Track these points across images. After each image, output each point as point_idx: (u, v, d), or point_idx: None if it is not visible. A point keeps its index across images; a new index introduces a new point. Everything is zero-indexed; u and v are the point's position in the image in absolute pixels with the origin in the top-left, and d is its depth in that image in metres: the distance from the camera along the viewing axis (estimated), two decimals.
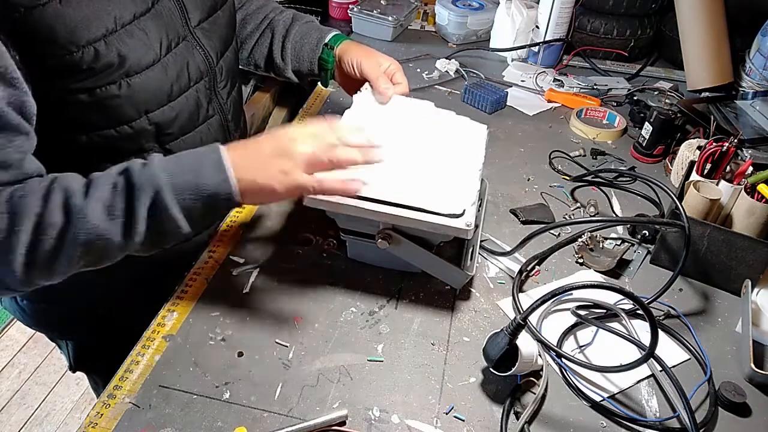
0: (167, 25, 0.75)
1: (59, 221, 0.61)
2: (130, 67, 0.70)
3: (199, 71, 0.81)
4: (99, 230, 0.62)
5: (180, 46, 0.77)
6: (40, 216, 0.60)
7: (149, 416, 0.67)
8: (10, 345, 2.10)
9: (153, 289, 0.91)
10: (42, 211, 0.61)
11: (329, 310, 0.81)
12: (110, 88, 0.69)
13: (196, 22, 0.80)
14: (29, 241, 0.60)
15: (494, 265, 0.90)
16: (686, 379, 0.73)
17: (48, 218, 0.61)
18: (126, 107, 0.72)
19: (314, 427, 0.66)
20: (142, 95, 0.73)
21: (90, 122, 0.72)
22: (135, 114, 0.74)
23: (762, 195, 0.86)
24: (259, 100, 1.55)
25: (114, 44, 0.68)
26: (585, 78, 1.42)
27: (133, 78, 0.71)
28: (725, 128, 1.13)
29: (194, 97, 0.81)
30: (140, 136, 0.76)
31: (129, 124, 0.74)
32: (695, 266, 0.89)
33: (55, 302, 0.92)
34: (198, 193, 0.64)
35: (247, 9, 1.04)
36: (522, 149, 1.17)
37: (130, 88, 0.71)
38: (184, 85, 0.79)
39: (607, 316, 0.82)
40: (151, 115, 0.76)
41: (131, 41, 0.69)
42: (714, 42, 1.30)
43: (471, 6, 1.60)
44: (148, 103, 0.75)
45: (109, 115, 0.72)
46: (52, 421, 1.88)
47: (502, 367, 0.70)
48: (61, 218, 0.61)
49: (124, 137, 0.75)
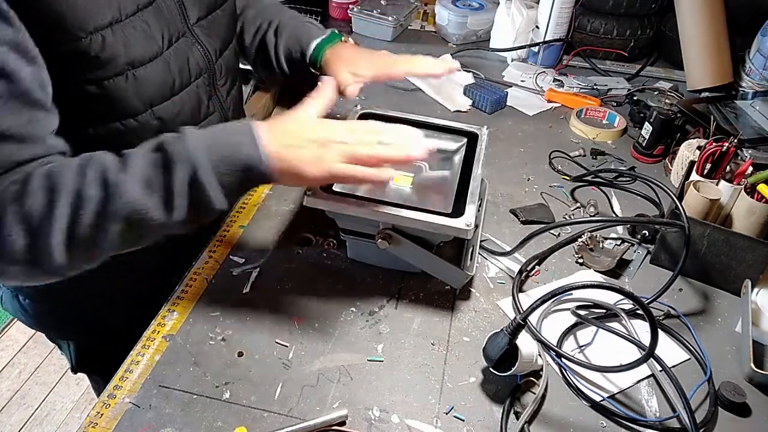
0: (167, 20, 0.76)
1: (97, 195, 0.60)
2: (134, 58, 0.71)
3: (199, 67, 0.82)
4: (138, 205, 0.61)
5: (180, 42, 0.78)
6: (78, 191, 0.59)
7: (149, 416, 0.67)
8: (10, 345, 2.10)
9: (154, 290, 0.91)
10: (79, 187, 0.60)
11: (329, 310, 0.81)
12: (118, 80, 0.70)
13: (195, 19, 0.81)
14: (68, 216, 0.59)
15: (494, 265, 0.90)
16: (686, 379, 0.73)
17: (86, 192, 0.59)
18: (133, 100, 0.73)
19: (314, 427, 0.66)
20: (148, 88, 0.74)
21: (98, 115, 0.73)
22: (141, 107, 0.75)
23: (762, 195, 0.86)
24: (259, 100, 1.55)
25: (119, 33, 0.68)
26: (585, 78, 1.42)
27: (138, 70, 0.72)
28: (725, 128, 1.13)
29: (195, 92, 0.82)
30: (145, 130, 0.76)
31: (135, 118, 0.75)
32: (695, 266, 0.89)
33: (57, 302, 0.92)
34: (234, 169, 0.64)
35: (256, 7, 1.04)
36: (522, 149, 1.17)
37: (137, 80, 0.72)
38: (185, 80, 0.80)
39: (607, 316, 0.82)
40: (155, 109, 0.76)
41: (134, 32, 0.70)
42: (714, 42, 1.30)
43: (471, 6, 1.60)
44: (154, 97, 0.75)
45: (116, 107, 0.73)
46: (52, 421, 1.88)
47: (502, 367, 0.70)
48: (99, 192, 0.60)
49: (129, 131, 0.75)
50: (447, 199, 0.81)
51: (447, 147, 0.92)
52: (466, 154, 0.88)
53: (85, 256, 0.63)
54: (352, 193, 0.78)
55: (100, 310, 0.95)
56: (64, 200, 0.59)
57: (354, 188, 0.83)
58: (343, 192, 0.78)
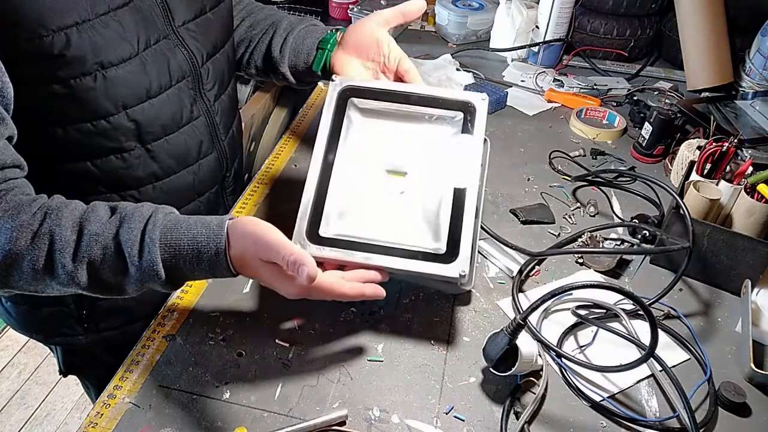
0: (147, 20, 0.74)
1: (40, 267, 0.61)
2: (104, 58, 0.69)
3: (181, 71, 0.80)
4: (80, 289, 0.63)
5: (160, 44, 0.76)
6: (20, 255, 0.60)
7: (149, 416, 0.67)
8: (10, 345, 2.11)
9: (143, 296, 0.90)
10: (24, 252, 0.60)
11: (329, 310, 0.81)
12: (85, 79, 0.69)
13: (181, 21, 0.79)
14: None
15: (494, 265, 0.90)
16: (686, 379, 0.73)
17: (29, 263, 0.61)
18: (102, 101, 0.71)
19: (314, 427, 0.66)
20: (120, 89, 0.72)
21: (66, 114, 0.71)
22: (112, 108, 0.73)
23: (762, 195, 0.86)
24: (259, 100, 1.55)
25: (87, 33, 0.67)
26: (585, 78, 1.42)
27: (109, 70, 0.70)
28: (725, 128, 1.13)
29: (176, 96, 0.80)
30: (119, 132, 0.75)
31: (106, 119, 0.73)
32: (695, 266, 0.88)
33: (38, 304, 0.90)
34: (193, 279, 0.67)
35: (256, 17, 1.04)
36: (522, 149, 1.17)
37: (107, 80, 0.70)
38: (165, 83, 0.78)
39: (607, 316, 0.82)
40: (129, 111, 0.75)
41: (106, 32, 0.69)
42: (714, 42, 1.30)
43: (471, 6, 1.60)
44: (126, 98, 0.74)
45: (85, 107, 0.71)
46: (52, 421, 1.88)
47: (502, 367, 0.70)
48: (44, 269, 0.61)
49: (101, 133, 0.74)
50: (440, 225, 0.73)
51: (441, 134, 0.81)
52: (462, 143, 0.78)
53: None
54: (341, 237, 0.73)
55: (83, 312, 0.91)
56: None
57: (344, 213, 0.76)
58: (331, 237, 0.73)
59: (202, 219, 0.65)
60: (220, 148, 0.92)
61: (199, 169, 0.89)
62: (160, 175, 0.83)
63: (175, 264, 0.63)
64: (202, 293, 0.82)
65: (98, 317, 0.91)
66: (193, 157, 0.87)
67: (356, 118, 0.82)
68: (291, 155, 1.12)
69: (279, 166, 1.09)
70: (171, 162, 0.83)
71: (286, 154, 1.12)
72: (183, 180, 0.86)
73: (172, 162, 0.83)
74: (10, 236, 0.60)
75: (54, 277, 0.62)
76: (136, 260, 0.62)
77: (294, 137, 1.18)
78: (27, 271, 0.61)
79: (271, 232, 0.64)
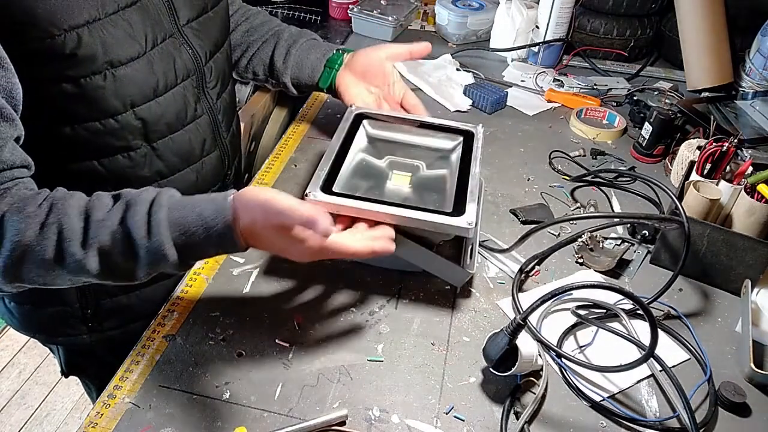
0: (153, 19, 0.74)
1: (50, 257, 0.61)
2: (114, 57, 0.70)
3: (186, 69, 0.81)
4: (91, 277, 0.63)
5: (167, 42, 0.77)
6: (29, 247, 0.60)
7: (149, 416, 0.67)
8: (10, 345, 2.11)
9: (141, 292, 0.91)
10: (33, 243, 0.60)
11: (329, 310, 0.81)
12: (95, 78, 0.69)
13: (185, 20, 0.80)
14: (6, 261, 0.60)
15: (494, 265, 0.90)
16: (686, 379, 0.73)
17: (38, 254, 0.61)
18: (111, 99, 0.72)
19: (314, 427, 0.66)
20: (128, 88, 0.73)
21: (75, 113, 0.72)
22: (121, 107, 0.73)
23: (762, 195, 0.86)
24: (259, 100, 1.54)
25: (97, 32, 0.67)
26: (585, 78, 1.42)
27: (118, 69, 0.71)
28: (725, 128, 1.13)
29: (181, 94, 0.81)
30: (126, 131, 0.76)
31: (114, 118, 0.74)
32: (695, 266, 0.88)
33: (41, 304, 0.90)
34: (204, 256, 0.67)
35: (252, 22, 1.05)
36: (522, 149, 1.17)
37: (116, 79, 0.71)
38: (171, 81, 0.78)
39: (607, 316, 0.82)
40: (137, 110, 0.75)
41: (115, 31, 0.69)
42: (714, 42, 1.30)
43: (471, 6, 1.60)
44: (134, 97, 0.74)
45: (94, 106, 0.71)
46: (52, 421, 1.88)
47: (502, 367, 0.70)
48: (54, 259, 0.61)
49: (109, 131, 0.74)
50: (446, 199, 0.81)
51: (443, 146, 0.92)
52: (462, 153, 0.88)
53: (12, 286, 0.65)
54: (353, 194, 0.78)
55: (86, 312, 0.92)
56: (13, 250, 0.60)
57: (355, 188, 0.83)
58: (344, 193, 0.78)
59: (206, 196, 0.66)
60: (222, 145, 0.93)
61: (203, 167, 0.89)
62: (165, 173, 0.84)
63: (185, 242, 0.63)
64: (202, 293, 0.82)
65: (102, 316, 0.92)
66: (197, 155, 0.88)
67: (368, 130, 0.94)
68: (291, 155, 1.12)
69: (279, 166, 1.09)
70: (176, 160, 0.84)
71: (286, 154, 1.12)
72: (187, 178, 0.87)
73: (176, 160, 0.84)
74: (18, 228, 0.60)
75: (64, 267, 0.62)
76: (145, 242, 0.61)
77: (294, 137, 1.18)
78: (37, 262, 0.61)
79: (279, 196, 0.64)
